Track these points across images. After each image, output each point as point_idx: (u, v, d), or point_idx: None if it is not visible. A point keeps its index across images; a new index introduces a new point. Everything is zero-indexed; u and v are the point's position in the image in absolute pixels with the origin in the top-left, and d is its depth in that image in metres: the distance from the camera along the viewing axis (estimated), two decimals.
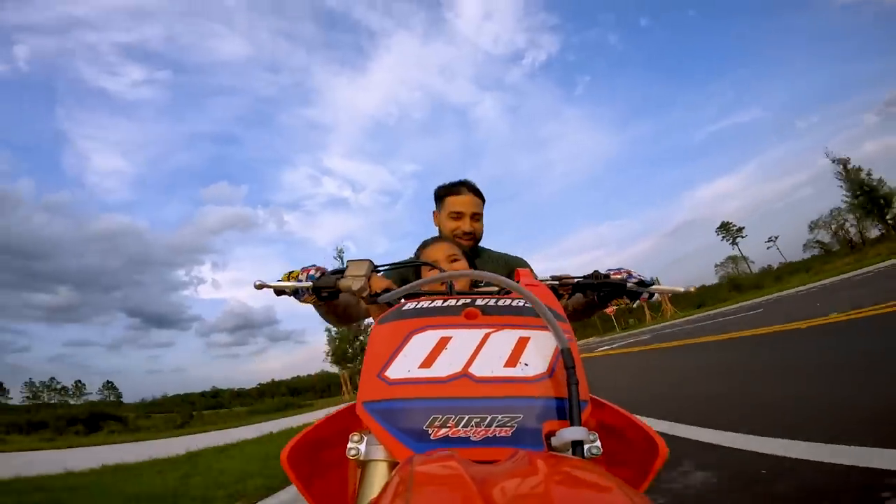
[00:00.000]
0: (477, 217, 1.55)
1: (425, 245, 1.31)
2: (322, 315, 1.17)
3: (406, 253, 1.40)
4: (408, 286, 0.77)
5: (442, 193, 1.56)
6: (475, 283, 1.16)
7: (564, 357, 0.61)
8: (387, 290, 0.87)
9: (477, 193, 1.55)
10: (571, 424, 0.54)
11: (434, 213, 1.62)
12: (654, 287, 1.00)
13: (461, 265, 1.20)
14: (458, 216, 1.51)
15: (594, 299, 1.05)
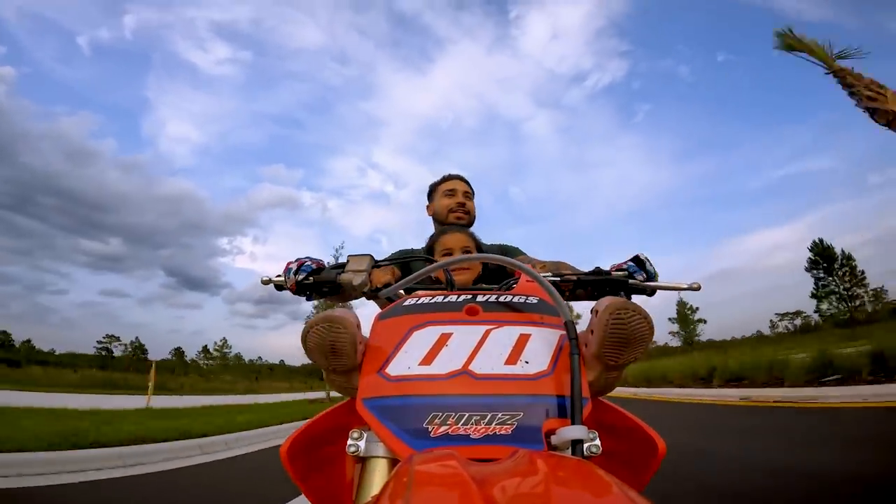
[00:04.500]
0: (468, 196, 1.64)
1: (442, 232, 1.28)
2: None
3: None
4: (410, 277, 0.77)
5: (435, 184, 1.68)
6: (476, 280, 1.16)
7: (568, 328, 0.63)
8: (388, 285, 0.86)
9: (467, 182, 1.67)
10: (572, 423, 0.54)
11: (428, 206, 1.70)
12: (657, 284, 0.98)
13: (472, 263, 1.17)
14: (451, 193, 1.61)
15: (595, 296, 1.04)
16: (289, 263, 0.96)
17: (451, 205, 1.59)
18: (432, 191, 1.69)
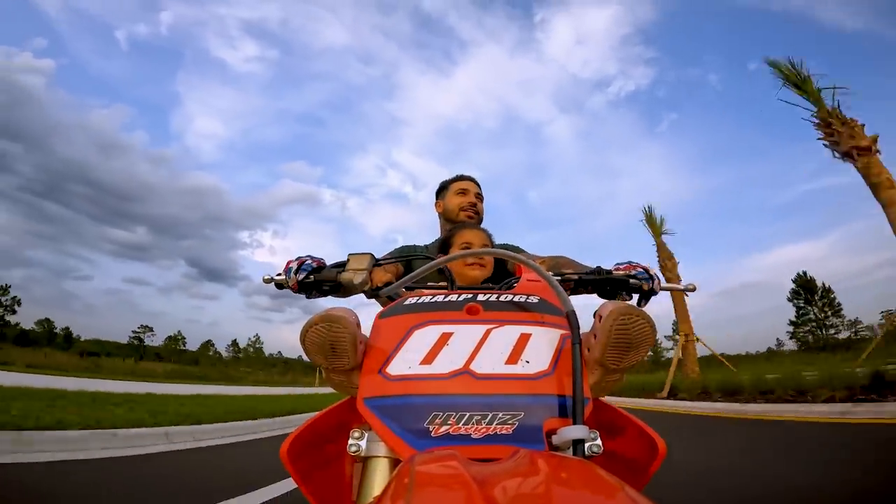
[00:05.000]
0: (479, 197, 1.67)
1: (462, 227, 1.27)
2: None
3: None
4: (411, 274, 0.77)
5: (445, 183, 1.71)
6: (487, 279, 1.15)
7: (570, 319, 0.63)
8: (388, 284, 0.86)
9: (478, 184, 1.70)
10: (574, 423, 0.54)
11: (438, 203, 1.71)
12: (658, 284, 0.98)
13: (488, 259, 1.15)
14: (463, 192, 1.65)
15: (597, 296, 1.04)
16: (289, 262, 0.95)
17: (463, 203, 1.63)
18: (443, 188, 1.71)
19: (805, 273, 44.73)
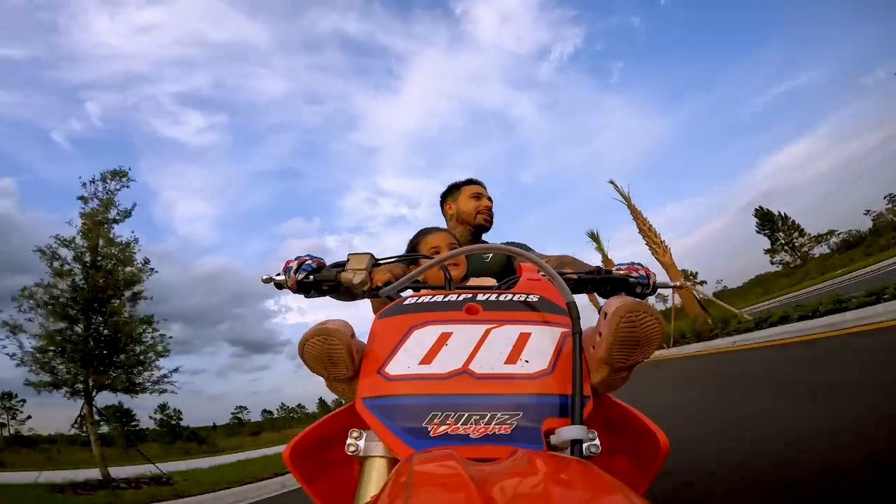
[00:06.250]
0: (491, 201, 1.70)
1: (426, 232, 1.28)
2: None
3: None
4: (410, 274, 0.77)
5: (457, 185, 1.73)
6: (464, 277, 1.16)
7: (571, 310, 0.63)
8: (388, 284, 0.86)
9: (486, 188, 1.74)
10: (572, 422, 0.54)
11: (448, 204, 1.73)
12: (657, 283, 0.99)
13: (461, 259, 1.17)
14: (478, 196, 1.67)
15: (596, 294, 1.04)
16: (288, 262, 0.94)
17: (480, 207, 1.65)
18: (453, 190, 1.72)
19: (761, 207, 48.82)
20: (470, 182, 1.72)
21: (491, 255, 1.59)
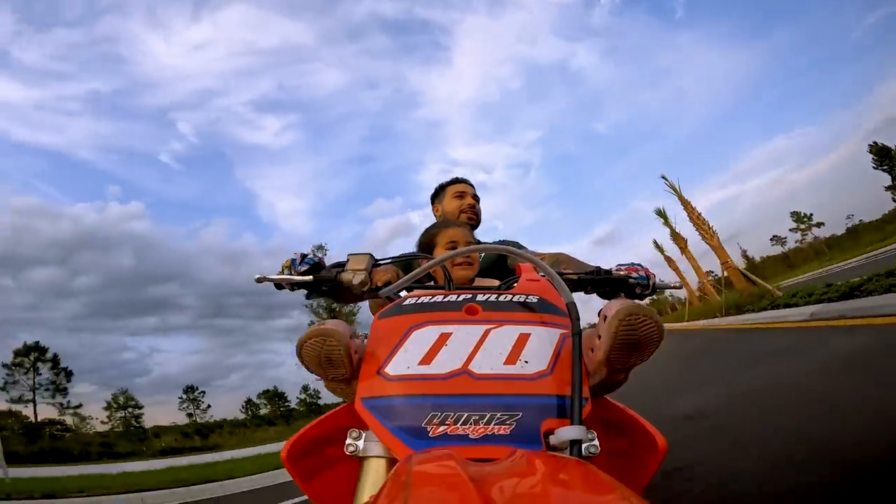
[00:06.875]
0: (476, 199, 1.70)
1: (445, 225, 1.19)
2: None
3: (548, 224, 1.30)
4: (411, 274, 0.77)
5: (442, 186, 1.74)
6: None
7: (570, 311, 0.63)
8: (388, 284, 0.86)
9: (473, 187, 1.74)
10: (571, 423, 0.54)
11: (435, 206, 1.74)
12: (657, 284, 0.99)
13: (475, 258, 1.14)
14: (461, 195, 1.68)
15: (595, 294, 1.04)
16: (287, 261, 0.93)
17: (463, 206, 1.65)
18: (439, 192, 1.73)
19: (875, 142, 41.67)
20: (454, 182, 1.73)
21: (483, 254, 1.58)
